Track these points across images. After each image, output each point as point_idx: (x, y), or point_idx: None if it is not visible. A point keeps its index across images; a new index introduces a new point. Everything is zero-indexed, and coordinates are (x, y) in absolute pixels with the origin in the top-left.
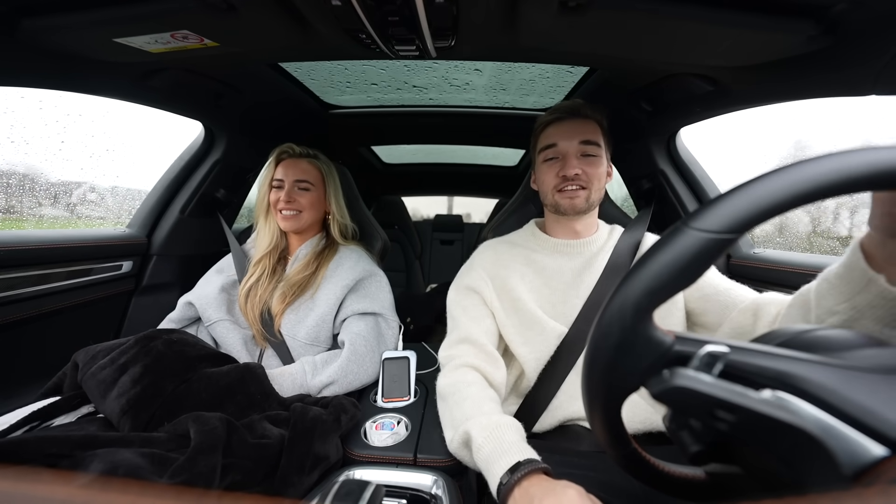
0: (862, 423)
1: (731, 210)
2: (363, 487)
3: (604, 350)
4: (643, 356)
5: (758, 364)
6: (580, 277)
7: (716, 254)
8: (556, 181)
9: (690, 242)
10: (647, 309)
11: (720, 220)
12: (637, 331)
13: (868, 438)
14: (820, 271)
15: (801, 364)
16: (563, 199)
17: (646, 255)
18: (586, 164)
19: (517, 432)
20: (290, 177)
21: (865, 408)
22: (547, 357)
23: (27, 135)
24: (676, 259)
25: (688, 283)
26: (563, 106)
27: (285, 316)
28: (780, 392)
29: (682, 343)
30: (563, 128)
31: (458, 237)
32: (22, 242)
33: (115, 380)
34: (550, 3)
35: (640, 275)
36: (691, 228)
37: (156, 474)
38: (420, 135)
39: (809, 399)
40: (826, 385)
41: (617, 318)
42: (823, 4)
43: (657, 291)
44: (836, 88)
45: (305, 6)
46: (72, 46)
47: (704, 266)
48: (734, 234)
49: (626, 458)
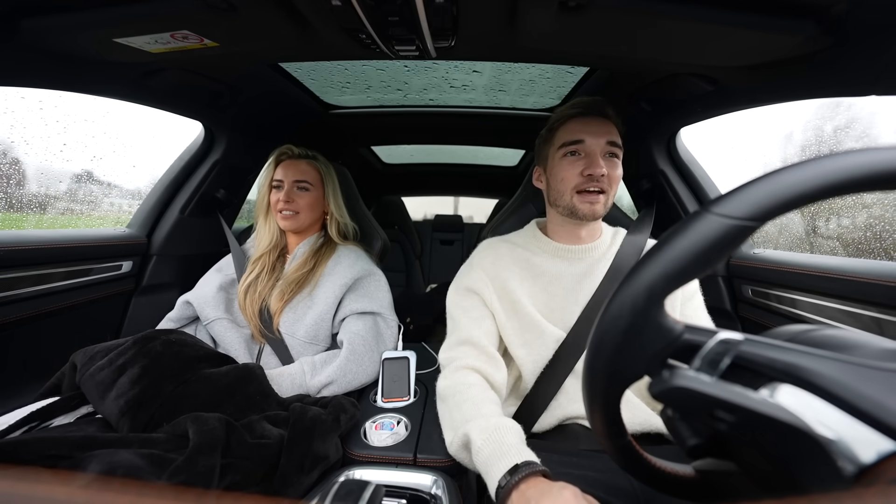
0: (874, 417)
1: (756, 197)
2: (363, 487)
3: (612, 334)
4: (651, 342)
5: (769, 356)
6: (580, 284)
7: (736, 241)
8: (578, 180)
9: (711, 227)
10: (661, 294)
11: (744, 206)
12: (648, 316)
13: (879, 434)
14: (820, 272)
15: (812, 358)
16: (582, 204)
17: (663, 238)
18: (610, 165)
19: (516, 435)
20: (289, 177)
21: (878, 403)
22: (545, 360)
23: (27, 135)
24: (696, 244)
25: (705, 270)
26: (589, 102)
27: (284, 314)
28: (787, 386)
29: (692, 332)
30: (590, 125)
31: (458, 237)
32: (22, 242)
33: (113, 381)
34: (550, 3)
35: (657, 258)
36: (713, 213)
37: (154, 475)
38: (420, 135)
39: (820, 393)
40: (838, 379)
41: (629, 302)
42: (823, 4)
43: (673, 276)
44: (836, 88)
45: (305, 6)
46: (72, 46)
47: (724, 253)
48: (756, 222)
49: (621, 449)
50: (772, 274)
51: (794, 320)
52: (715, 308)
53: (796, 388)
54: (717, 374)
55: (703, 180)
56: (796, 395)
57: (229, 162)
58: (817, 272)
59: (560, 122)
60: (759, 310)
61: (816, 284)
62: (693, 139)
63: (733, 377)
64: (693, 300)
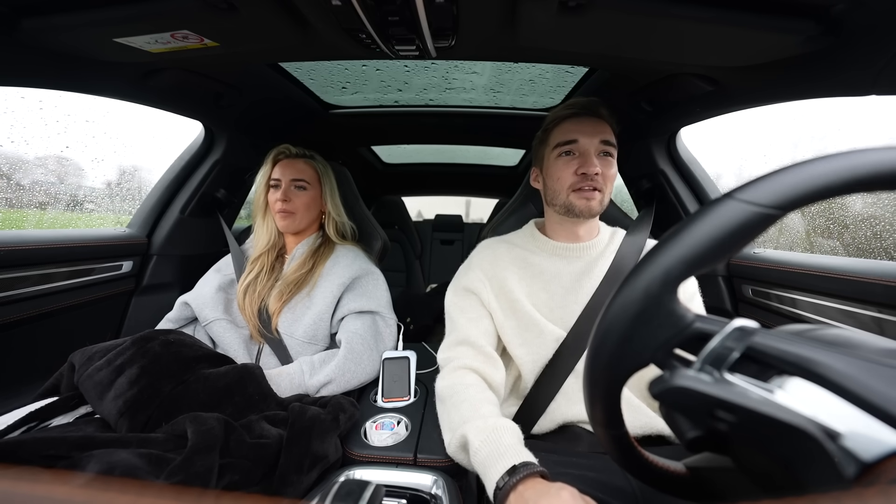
0: (885, 411)
1: (782, 185)
2: (363, 487)
3: (622, 318)
4: (662, 329)
5: (781, 348)
6: (579, 283)
7: (758, 229)
8: (573, 179)
9: (733, 213)
10: (676, 279)
11: (769, 193)
12: (661, 301)
13: (881, 434)
14: (820, 272)
15: (824, 351)
16: (578, 200)
17: (683, 223)
18: (604, 164)
19: (514, 435)
20: (286, 177)
21: (889, 397)
22: (545, 360)
23: (27, 135)
24: (716, 229)
25: (723, 257)
26: (582, 103)
27: (282, 314)
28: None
29: (703, 322)
30: (584, 125)
31: (459, 237)
32: (22, 242)
33: (111, 381)
34: (550, 3)
35: (677, 243)
36: (736, 200)
37: (153, 475)
38: (420, 135)
39: (831, 386)
40: (849, 373)
41: (642, 286)
42: (823, 4)
43: (691, 261)
44: (836, 88)
45: (305, 6)
46: (72, 46)
47: (744, 241)
48: (779, 211)
49: (616, 440)
50: (772, 274)
51: (795, 320)
52: (715, 308)
53: (803, 382)
54: (725, 366)
55: (704, 180)
56: (800, 391)
57: (229, 162)
58: (817, 272)
59: (554, 122)
60: (760, 310)
61: (817, 284)
62: (693, 139)
63: (740, 369)
64: (693, 301)
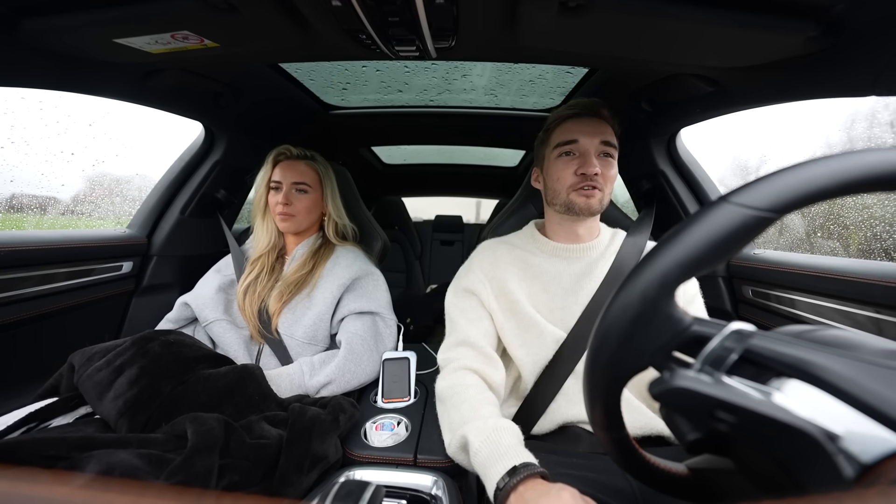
0: (882, 413)
1: (777, 188)
2: (363, 488)
3: (620, 322)
4: (660, 333)
5: (778, 350)
6: (580, 283)
7: (753, 232)
8: (573, 179)
9: (729, 217)
10: (673, 282)
11: (763, 196)
12: (658, 305)
13: (881, 434)
14: (820, 272)
15: (822, 354)
16: (578, 198)
17: (678, 227)
18: (604, 165)
19: (514, 436)
20: (287, 179)
21: (887, 398)
22: (545, 361)
23: (27, 135)
24: (712, 233)
25: (719, 260)
26: (584, 103)
27: (283, 315)
28: (793, 382)
29: (701, 325)
30: (584, 125)
31: (459, 238)
32: (22, 243)
33: (111, 381)
34: (550, 4)
35: (673, 246)
36: (731, 203)
37: (153, 475)
38: (420, 135)
39: (829, 389)
40: (847, 375)
41: (640, 290)
42: (823, 5)
43: (687, 265)
44: (836, 89)
45: (305, 6)
46: (72, 46)
47: (740, 244)
48: (774, 213)
49: (617, 443)
50: (772, 274)
51: (795, 321)
52: (715, 308)
53: (801, 384)
54: (723, 368)
55: (704, 181)
56: (798, 393)
57: (229, 162)
58: (817, 273)
59: (555, 123)
60: (760, 310)
61: (816, 285)
62: (693, 139)
63: (738, 372)
64: (693, 303)
